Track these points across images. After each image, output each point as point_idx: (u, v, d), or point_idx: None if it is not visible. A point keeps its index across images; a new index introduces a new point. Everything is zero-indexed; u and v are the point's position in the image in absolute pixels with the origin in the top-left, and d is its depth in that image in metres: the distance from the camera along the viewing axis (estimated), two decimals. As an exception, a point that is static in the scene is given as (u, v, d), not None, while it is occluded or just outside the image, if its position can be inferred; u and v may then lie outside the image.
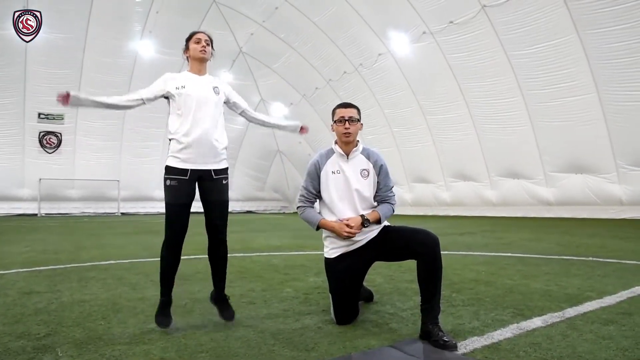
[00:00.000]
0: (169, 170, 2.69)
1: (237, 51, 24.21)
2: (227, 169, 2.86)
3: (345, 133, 2.76)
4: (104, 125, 23.89)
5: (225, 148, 2.86)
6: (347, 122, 2.76)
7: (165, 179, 2.69)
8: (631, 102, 12.17)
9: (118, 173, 24.89)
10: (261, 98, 27.07)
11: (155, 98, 2.78)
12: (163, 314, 2.63)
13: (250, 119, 3.09)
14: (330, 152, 2.88)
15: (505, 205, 16.72)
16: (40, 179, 23.13)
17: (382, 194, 2.82)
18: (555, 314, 2.74)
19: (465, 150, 17.18)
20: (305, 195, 2.86)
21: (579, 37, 12.30)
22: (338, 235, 2.71)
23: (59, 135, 23.54)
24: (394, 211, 2.84)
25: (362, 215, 2.70)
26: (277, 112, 26.89)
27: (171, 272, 2.72)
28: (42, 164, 23.24)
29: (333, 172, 2.81)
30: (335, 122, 2.82)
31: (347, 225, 2.66)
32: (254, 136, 28.19)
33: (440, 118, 17.56)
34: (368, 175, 2.80)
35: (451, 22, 14.88)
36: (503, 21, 13.65)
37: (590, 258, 5.15)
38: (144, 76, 22.42)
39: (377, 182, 2.82)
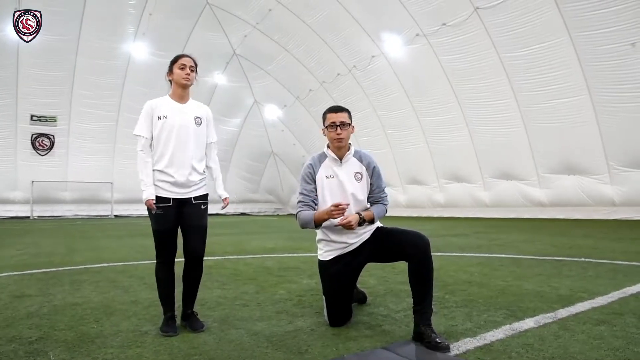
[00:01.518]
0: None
1: (230, 53, 24.17)
2: (207, 195, 2.87)
3: (337, 139, 2.73)
4: (97, 127, 23.73)
5: (204, 177, 2.88)
6: (338, 127, 2.72)
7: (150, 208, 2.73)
8: (623, 104, 12.29)
9: (111, 175, 24.70)
10: (255, 100, 27.00)
11: (153, 131, 2.79)
12: (168, 324, 2.64)
13: (207, 153, 2.94)
14: (323, 157, 2.85)
15: (499, 206, 16.80)
16: (32, 182, 22.96)
17: (376, 195, 2.82)
18: (548, 314, 2.76)
19: (459, 152, 17.26)
20: (303, 200, 2.76)
21: (571, 39, 12.42)
22: (330, 217, 2.56)
23: (51, 137, 23.36)
24: (386, 211, 2.84)
25: (358, 214, 2.66)
26: (271, 114, 26.86)
27: (170, 290, 2.76)
28: (35, 166, 23.05)
29: (327, 177, 2.78)
30: (326, 127, 2.77)
31: (337, 209, 2.49)
32: (248, 138, 28.13)
33: (434, 120, 17.63)
34: (361, 178, 2.78)
35: (444, 24, 14.96)
36: (496, 23, 13.75)
37: (583, 259, 5.18)
38: (137, 78, 22.30)
39: (370, 184, 2.81)
